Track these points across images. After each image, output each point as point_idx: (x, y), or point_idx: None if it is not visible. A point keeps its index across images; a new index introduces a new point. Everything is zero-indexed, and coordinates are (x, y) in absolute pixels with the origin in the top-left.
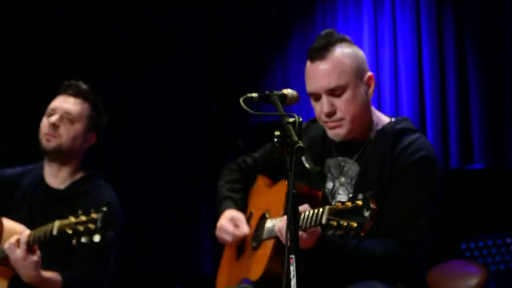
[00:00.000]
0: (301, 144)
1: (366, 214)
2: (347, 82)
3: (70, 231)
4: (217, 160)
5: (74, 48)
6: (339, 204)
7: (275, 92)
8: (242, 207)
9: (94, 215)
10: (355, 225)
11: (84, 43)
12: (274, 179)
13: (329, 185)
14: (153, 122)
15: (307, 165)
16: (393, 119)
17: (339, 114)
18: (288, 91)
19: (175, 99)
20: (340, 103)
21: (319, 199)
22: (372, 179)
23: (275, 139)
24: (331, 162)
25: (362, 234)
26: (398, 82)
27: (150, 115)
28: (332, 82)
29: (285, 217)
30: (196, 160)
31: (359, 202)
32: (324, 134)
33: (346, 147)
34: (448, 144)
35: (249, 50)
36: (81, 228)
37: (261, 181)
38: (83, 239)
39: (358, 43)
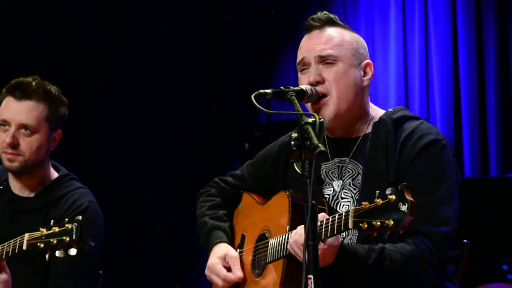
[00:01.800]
0: (323, 148)
1: (403, 208)
2: (342, 55)
3: (41, 245)
4: (220, 165)
5: (74, 47)
6: (366, 203)
7: (292, 88)
8: (232, 236)
9: (68, 225)
10: (392, 222)
11: (86, 44)
12: (265, 196)
13: (329, 191)
14: (153, 122)
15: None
16: (390, 110)
17: (325, 85)
18: (306, 87)
19: (175, 97)
20: (329, 73)
21: (326, 208)
22: (378, 175)
23: (293, 142)
24: (327, 166)
25: (401, 232)
26: (429, 80)
27: (149, 114)
28: (326, 49)
29: (298, 230)
30: (197, 165)
31: (392, 197)
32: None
33: (340, 146)
34: (488, 150)
35: (257, 40)
36: (54, 241)
37: (249, 199)
38: (58, 253)
39: (384, 34)
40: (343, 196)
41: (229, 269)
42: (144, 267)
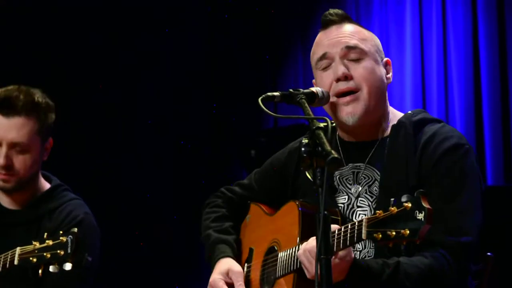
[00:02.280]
0: (336, 155)
1: (420, 216)
2: (368, 50)
3: (34, 259)
4: (225, 172)
5: (74, 48)
6: (380, 212)
7: (302, 90)
8: (237, 250)
9: (62, 238)
10: (408, 232)
11: (86, 44)
12: (274, 206)
13: (343, 199)
14: (153, 122)
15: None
16: (409, 112)
17: (355, 82)
18: (317, 89)
19: (176, 97)
20: (357, 69)
21: (339, 218)
22: (397, 181)
23: (303, 148)
24: (341, 173)
25: (418, 242)
26: (448, 82)
27: (149, 114)
28: (352, 41)
29: (310, 241)
30: (198, 167)
31: (408, 205)
32: (332, 141)
33: (356, 151)
34: None
35: (263, 40)
36: (47, 255)
37: (257, 210)
38: (52, 268)
39: (399, 32)
40: (359, 204)
41: (232, 286)
42: (144, 267)
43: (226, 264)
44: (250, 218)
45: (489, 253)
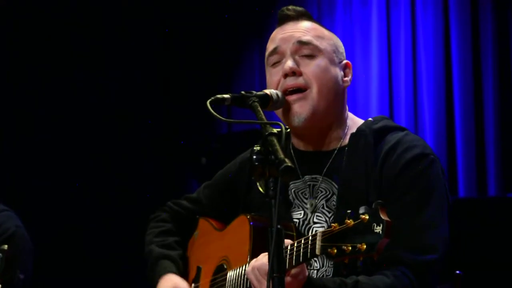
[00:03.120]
0: (289, 164)
1: (378, 229)
2: (323, 48)
3: None
4: (173, 183)
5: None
6: (336, 225)
7: (255, 92)
8: (183, 266)
9: None
10: (365, 246)
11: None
12: (223, 221)
13: (299, 214)
14: (99, 130)
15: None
16: (370, 119)
17: (304, 79)
18: (272, 92)
19: (121, 100)
20: (308, 66)
21: (294, 234)
22: (356, 195)
23: (255, 156)
24: (296, 185)
25: (376, 258)
26: (417, 86)
27: (93, 121)
28: (305, 36)
29: (260, 257)
30: (148, 183)
31: (365, 217)
32: (286, 151)
33: (311, 161)
34: (486, 168)
35: (218, 38)
36: None
37: (206, 226)
38: None
39: (365, 34)
40: (315, 220)
41: None
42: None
43: (171, 281)
44: (198, 234)
45: (457, 271)
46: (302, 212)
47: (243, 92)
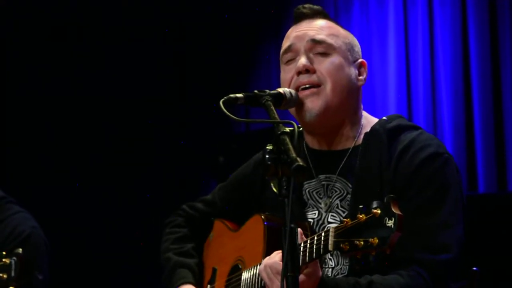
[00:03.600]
0: (301, 163)
1: (390, 223)
2: (337, 46)
3: None
4: (192, 183)
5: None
6: (348, 220)
7: (268, 91)
8: (199, 269)
9: (5, 260)
10: (377, 241)
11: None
12: (238, 222)
13: (313, 214)
14: (112, 129)
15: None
16: (384, 118)
17: (318, 76)
18: (285, 90)
19: (138, 100)
20: (322, 63)
21: (309, 233)
22: (371, 193)
23: (267, 156)
24: (311, 185)
25: (388, 252)
26: (435, 86)
27: (108, 119)
28: (319, 35)
29: (273, 255)
30: (165, 183)
31: (377, 211)
32: (299, 150)
33: (325, 161)
34: (505, 163)
35: (234, 38)
36: None
37: (221, 227)
38: None
39: (382, 33)
40: (330, 220)
41: None
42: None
43: None
44: (214, 236)
45: (474, 268)
46: (317, 212)
47: (256, 91)
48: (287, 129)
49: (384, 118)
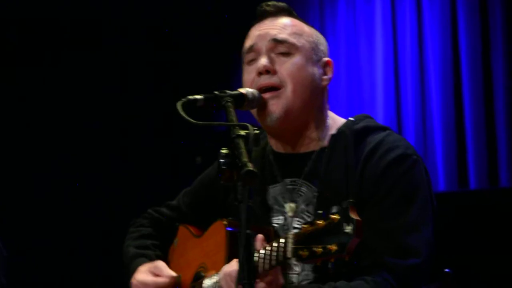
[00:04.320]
0: (251, 167)
1: (348, 229)
2: (300, 46)
3: None
4: (168, 184)
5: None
6: (307, 226)
7: (229, 92)
8: None
9: None
10: (335, 247)
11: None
12: (202, 228)
13: (278, 219)
14: (88, 130)
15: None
16: (351, 119)
17: (279, 77)
18: (247, 91)
19: (115, 99)
20: (283, 64)
21: (272, 239)
22: (337, 197)
23: (222, 160)
24: (275, 190)
25: (347, 259)
26: (425, 84)
27: (83, 120)
28: (281, 34)
29: (233, 262)
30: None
31: (335, 217)
32: (264, 154)
33: (290, 164)
34: (497, 159)
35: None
36: None
37: (185, 232)
38: None
39: (369, 33)
40: (295, 225)
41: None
42: None
43: (145, 266)
44: (178, 241)
45: (446, 270)
46: (282, 218)
47: (216, 92)
48: (243, 132)
49: (351, 119)
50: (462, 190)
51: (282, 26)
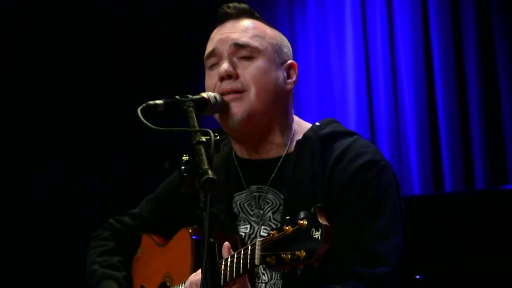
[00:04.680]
0: (211, 175)
1: (316, 234)
2: (263, 49)
3: None
4: (135, 191)
5: None
6: (274, 232)
7: (190, 96)
8: (127, 286)
9: None
10: (304, 253)
11: None
12: (166, 236)
13: (245, 228)
14: (88, 130)
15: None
16: (317, 123)
17: (241, 82)
18: (209, 95)
19: (113, 100)
20: (246, 68)
21: (239, 247)
22: (304, 205)
23: (183, 167)
24: (241, 197)
25: (316, 265)
26: (397, 83)
27: (83, 120)
28: (243, 38)
29: (199, 272)
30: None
31: (303, 222)
32: (228, 160)
33: (256, 171)
34: (472, 161)
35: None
36: None
37: (148, 242)
38: None
39: (339, 33)
40: (262, 233)
41: None
42: None
43: None
44: (142, 251)
45: (418, 276)
46: (248, 226)
47: (177, 96)
48: (204, 138)
49: (317, 123)
50: (437, 193)
51: (243, 29)
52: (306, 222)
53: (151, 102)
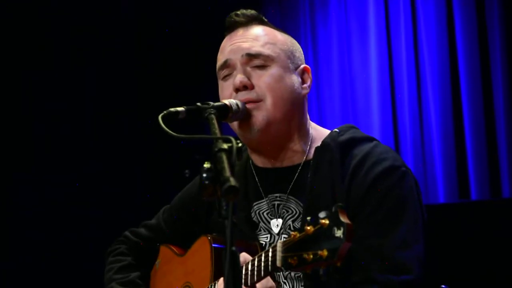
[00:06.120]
0: (233, 183)
1: (338, 233)
2: (276, 56)
3: None
4: (155, 198)
5: None
6: (295, 233)
7: (212, 103)
8: None
9: None
10: (326, 253)
11: None
12: (184, 246)
13: (265, 237)
14: (88, 130)
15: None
16: (336, 130)
17: (256, 91)
18: (231, 102)
19: (96, 112)
20: (261, 77)
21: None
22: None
23: (204, 175)
24: (260, 206)
25: (339, 264)
26: (421, 85)
27: (83, 120)
28: (255, 47)
29: (221, 282)
30: (127, 198)
31: (325, 221)
32: (246, 169)
33: (274, 179)
34: (499, 169)
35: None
36: None
37: (167, 253)
38: None
39: (362, 32)
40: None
41: None
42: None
43: None
44: (160, 262)
45: (443, 286)
46: (269, 235)
47: (199, 103)
48: (226, 146)
49: (335, 130)
50: (463, 202)
51: (254, 37)
52: (327, 221)
53: (172, 109)
